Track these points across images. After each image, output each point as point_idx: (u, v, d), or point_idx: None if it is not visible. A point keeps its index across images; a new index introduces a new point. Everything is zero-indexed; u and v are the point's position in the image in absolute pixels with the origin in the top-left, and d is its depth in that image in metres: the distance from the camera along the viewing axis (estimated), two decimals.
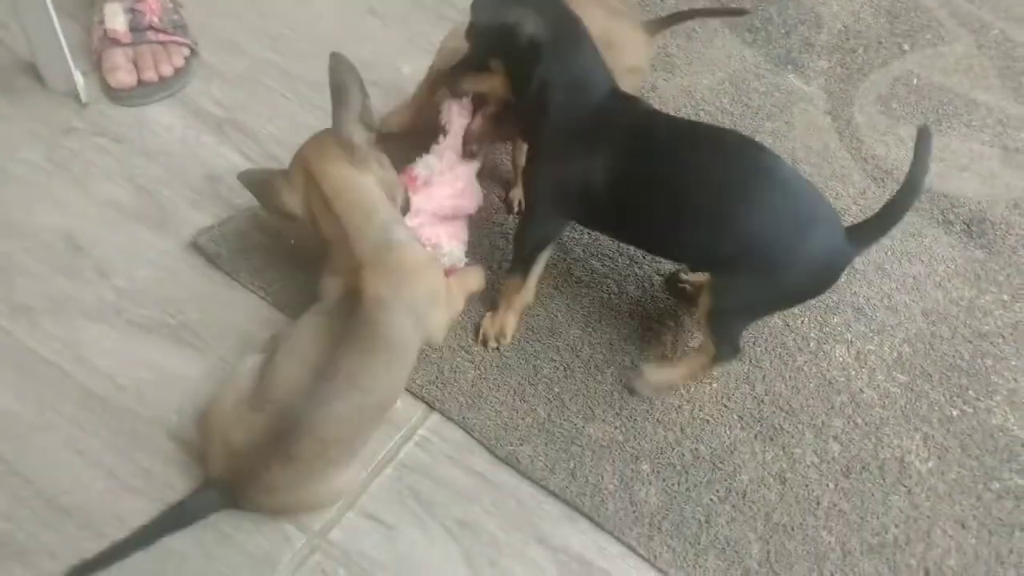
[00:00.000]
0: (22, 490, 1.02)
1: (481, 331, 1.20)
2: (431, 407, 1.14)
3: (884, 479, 1.13)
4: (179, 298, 1.19)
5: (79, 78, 1.39)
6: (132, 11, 1.43)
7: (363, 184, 1.06)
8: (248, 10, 1.59)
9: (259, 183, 1.12)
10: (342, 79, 1.07)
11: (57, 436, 1.06)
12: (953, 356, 1.27)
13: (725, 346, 1.12)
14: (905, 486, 1.13)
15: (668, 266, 1.30)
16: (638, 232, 1.15)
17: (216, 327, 1.17)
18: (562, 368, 1.19)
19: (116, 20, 1.42)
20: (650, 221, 1.10)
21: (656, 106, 1.50)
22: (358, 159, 1.07)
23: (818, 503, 1.11)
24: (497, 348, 1.19)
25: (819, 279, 1.08)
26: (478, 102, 1.22)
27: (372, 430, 1.03)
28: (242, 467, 0.96)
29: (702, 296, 1.10)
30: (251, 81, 1.47)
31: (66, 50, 1.36)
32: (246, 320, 1.18)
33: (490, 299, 1.23)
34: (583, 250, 1.32)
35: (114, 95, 1.41)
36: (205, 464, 1.01)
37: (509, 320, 1.19)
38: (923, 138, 1.03)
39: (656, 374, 1.17)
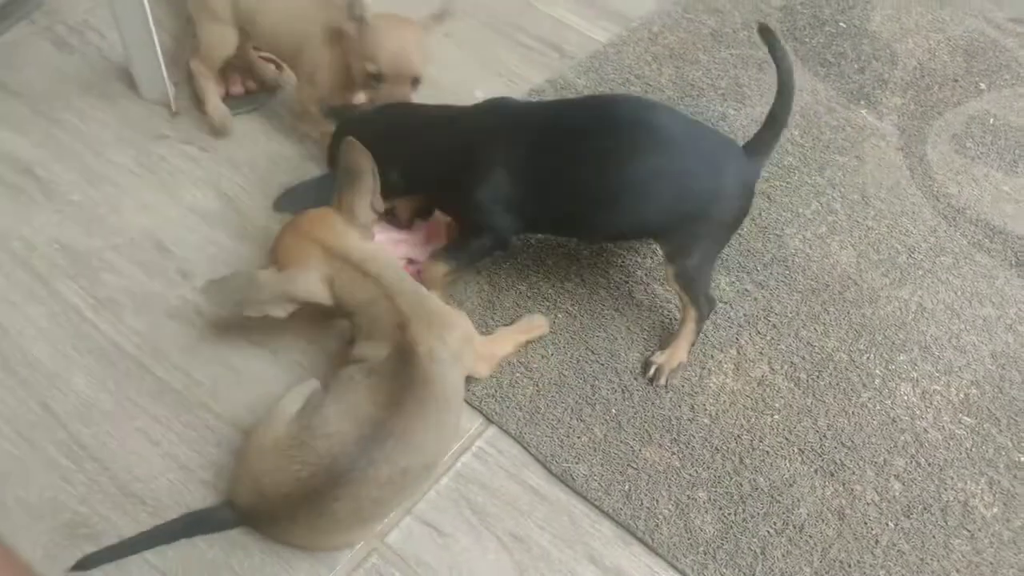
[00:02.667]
0: (99, 475, 1.07)
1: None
2: (489, 420, 1.16)
3: (946, 522, 1.11)
4: None
5: (171, 88, 1.47)
6: None
7: (382, 248, 1.13)
8: None
9: (237, 290, 1.09)
10: (357, 164, 1.09)
11: (134, 426, 1.11)
12: (1022, 401, 1.24)
13: (701, 302, 1.19)
14: (968, 530, 1.11)
15: (725, 288, 1.30)
16: (572, 223, 1.22)
17: (289, 331, 1.21)
18: (620, 390, 1.20)
19: None
20: (576, 210, 1.18)
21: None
22: (367, 235, 1.12)
23: (877, 542, 1.09)
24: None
25: (743, 203, 1.18)
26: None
27: (413, 493, 1.04)
28: (267, 511, 0.97)
29: (665, 270, 1.17)
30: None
31: (161, 61, 1.44)
32: (316, 326, 1.22)
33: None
34: (645, 274, 1.33)
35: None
36: (233, 488, 1.03)
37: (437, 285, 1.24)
38: (766, 34, 1.12)
39: (669, 357, 1.21)
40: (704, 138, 1.17)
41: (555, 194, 1.16)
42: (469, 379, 1.13)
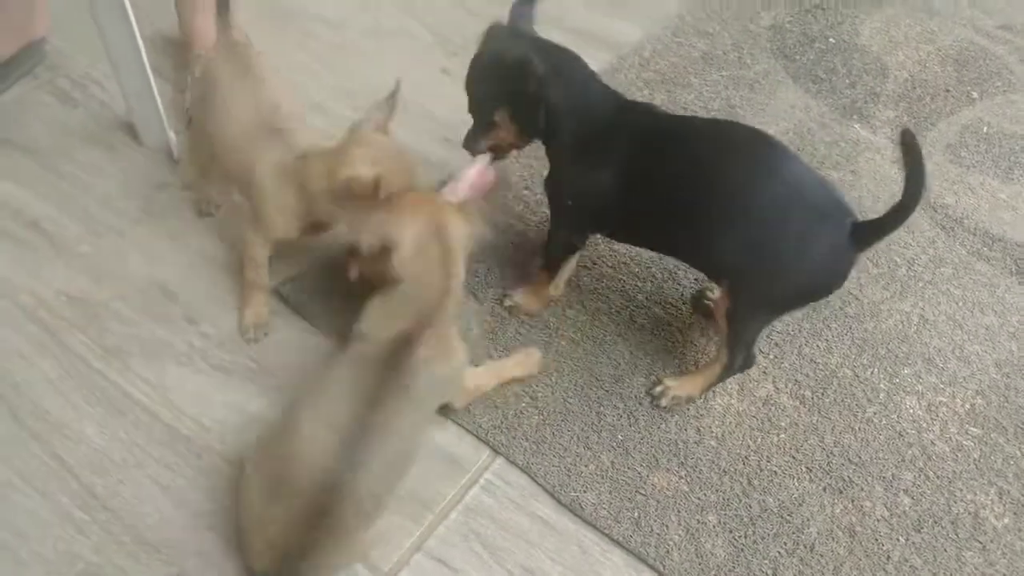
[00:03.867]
0: (112, 525, 1.08)
1: (510, 300, 1.28)
2: (496, 451, 1.17)
3: (957, 534, 1.11)
4: (262, 344, 1.26)
5: (172, 136, 1.50)
6: None
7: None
8: (326, 70, 1.68)
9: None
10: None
11: (145, 473, 1.12)
12: None
13: (739, 354, 1.15)
14: (979, 542, 1.10)
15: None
16: (652, 237, 1.21)
17: (295, 371, 1.22)
18: (626, 416, 1.21)
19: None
20: (663, 226, 1.16)
21: None
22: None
23: (888, 558, 1.09)
24: (518, 318, 1.29)
25: (827, 278, 1.09)
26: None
27: (402, 479, 1.03)
28: (289, 556, 0.95)
29: (719, 298, 1.14)
30: (331, 138, 1.55)
31: (161, 109, 1.46)
32: (322, 364, 1.23)
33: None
34: (646, 298, 1.33)
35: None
36: (247, 556, 1.01)
37: (534, 304, 1.29)
38: (908, 140, 1.02)
39: (678, 385, 1.20)
40: (812, 194, 1.06)
41: (650, 203, 1.14)
42: (446, 408, 1.15)
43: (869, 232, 1.06)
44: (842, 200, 1.07)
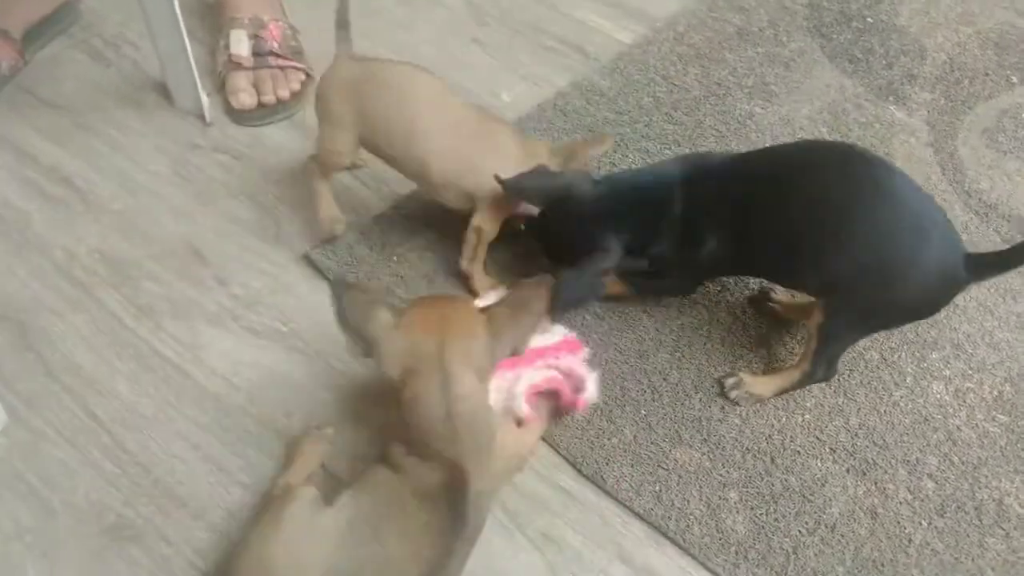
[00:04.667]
0: (142, 479, 1.10)
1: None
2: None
3: (981, 520, 1.11)
4: (291, 307, 1.27)
5: (204, 98, 1.50)
6: (256, 37, 1.53)
7: (483, 397, 0.95)
8: (359, 37, 1.67)
9: (354, 308, 0.94)
10: (533, 302, 0.96)
11: (174, 430, 1.14)
12: None
13: (822, 366, 1.13)
14: (1003, 529, 1.10)
15: (753, 287, 1.30)
16: (757, 267, 1.19)
17: (325, 336, 1.23)
18: (650, 391, 1.21)
19: (240, 45, 1.52)
20: (765, 256, 1.13)
21: (754, 135, 1.53)
22: (487, 372, 0.95)
23: (910, 541, 1.09)
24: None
25: (934, 297, 1.06)
26: None
27: None
28: None
29: (814, 311, 1.11)
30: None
31: (195, 72, 1.47)
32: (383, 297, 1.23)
33: None
34: None
35: (235, 115, 1.51)
36: None
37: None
38: None
39: (753, 382, 1.19)
40: (918, 208, 1.03)
41: (755, 243, 1.11)
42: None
43: (985, 265, 1.03)
44: (952, 228, 1.04)
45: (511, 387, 1.08)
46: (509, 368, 1.11)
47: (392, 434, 0.98)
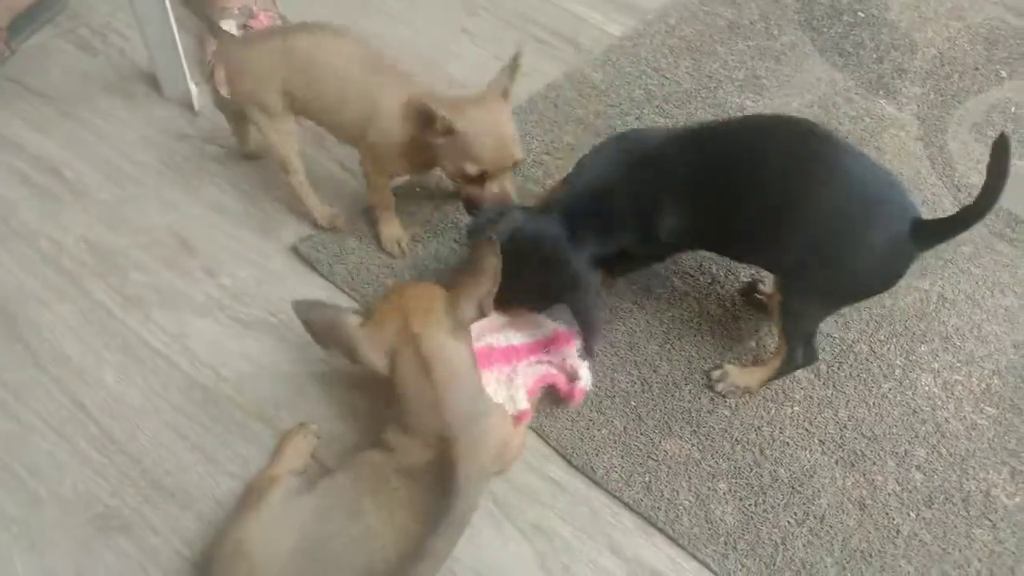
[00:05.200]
0: (129, 469, 1.09)
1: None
2: None
3: (968, 512, 1.11)
4: (279, 298, 1.26)
5: (193, 88, 1.49)
6: (244, 27, 1.52)
7: (464, 355, 0.98)
8: (348, 26, 1.66)
9: (323, 323, 0.97)
10: (486, 261, 0.99)
11: (162, 420, 1.14)
12: None
13: (798, 348, 1.13)
14: (990, 520, 1.11)
15: (743, 279, 1.30)
16: (714, 244, 1.19)
17: None
18: (640, 383, 1.21)
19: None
20: (718, 232, 1.13)
21: None
22: (459, 331, 0.99)
23: (898, 532, 1.09)
24: None
25: (884, 269, 1.06)
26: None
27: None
28: None
29: (773, 293, 1.13)
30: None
31: (183, 61, 1.46)
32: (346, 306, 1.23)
33: None
34: (664, 268, 1.33)
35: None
36: None
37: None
38: (1001, 147, 0.98)
39: (738, 374, 1.19)
40: (868, 186, 1.03)
41: (710, 211, 1.11)
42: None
43: (932, 231, 1.03)
44: (904, 195, 1.04)
45: (509, 381, 1.11)
46: (505, 364, 1.12)
47: (388, 418, 1.00)
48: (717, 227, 1.13)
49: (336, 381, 1.18)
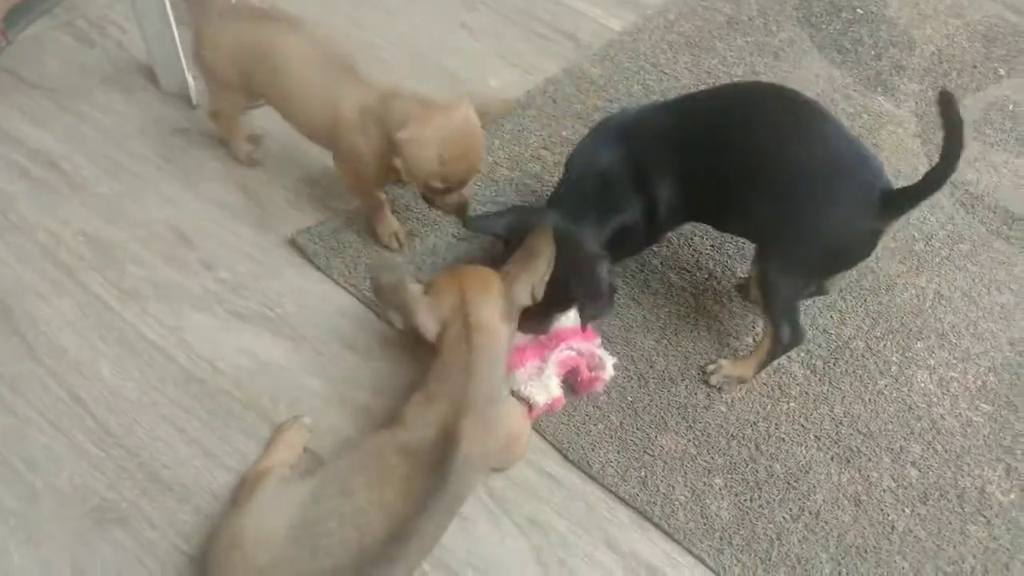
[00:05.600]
0: (127, 462, 1.09)
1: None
2: None
3: (963, 508, 1.12)
4: (277, 291, 1.26)
5: (191, 81, 1.49)
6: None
7: (504, 337, 1.04)
8: (347, 22, 1.66)
9: (390, 284, 1.05)
10: (538, 248, 1.06)
11: (159, 413, 1.14)
12: None
13: (784, 326, 1.14)
14: (985, 516, 1.11)
15: (740, 276, 1.30)
16: (701, 213, 1.20)
17: (310, 320, 1.23)
18: (636, 378, 1.21)
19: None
20: (704, 200, 1.15)
21: None
22: (508, 314, 1.05)
23: (893, 528, 1.10)
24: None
25: (852, 241, 1.07)
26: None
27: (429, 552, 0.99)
28: None
29: (751, 268, 1.14)
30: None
31: (181, 55, 1.45)
32: (339, 315, 1.24)
33: None
34: (661, 262, 1.33)
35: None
36: None
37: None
38: (945, 101, 0.99)
39: (731, 366, 1.20)
40: (838, 155, 1.05)
41: (695, 179, 1.13)
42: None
43: (900, 199, 1.04)
44: (873, 164, 1.05)
45: (540, 372, 1.13)
46: (538, 356, 1.15)
47: (415, 390, 1.03)
48: (703, 194, 1.14)
49: (333, 375, 1.18)
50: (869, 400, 1.21)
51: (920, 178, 1.03)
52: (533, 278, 1.06)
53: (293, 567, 0.89)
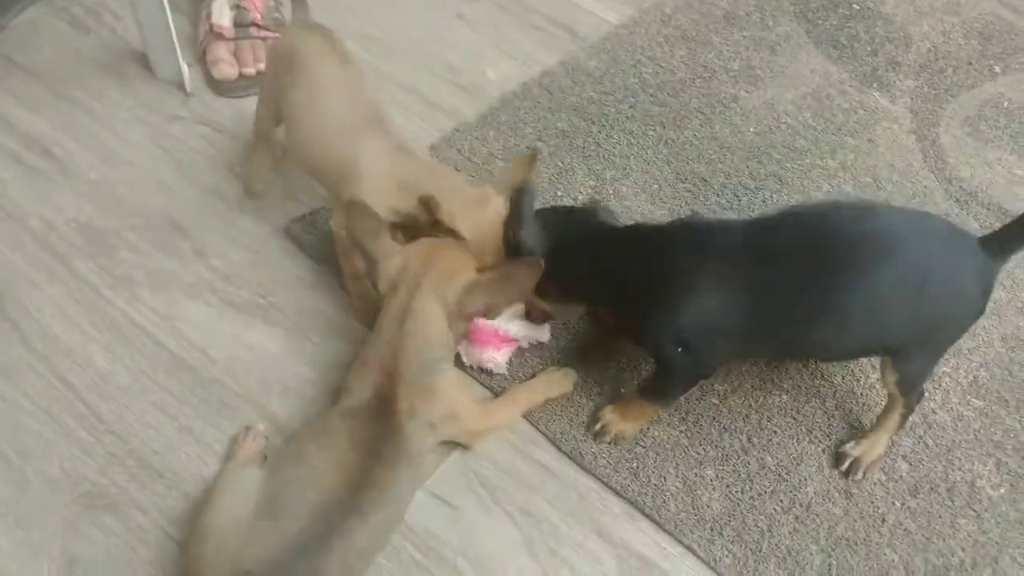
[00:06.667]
0: (117, 448, 1.09)
1: (600, 423, 1.14)
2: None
3: (953, 502, 1.12)
4: (270, 280, 1.26)
5: (185, 69, 1.48)
6: (238, 7, 1.51)
7: (436, 333, 1.01)
8: (343, 11, 1.66)
9: (369, 227, 1.02)
10: (520, 278, 1.00)
11: (150, 400, 1.13)
12: None
13: (914, 398, 1.11)
14: (974, 510, 1.12)
15: None
16: (791, 346, 1.10)
17: (304, 310, 1.23)
18: (629, 369, 1.21)
19: (223, 15, 1.50)
20: (801, 331, 1.03)
21: (738, 119, 1.54)
22: (454, 314, 1.01)
23: (883, 520, 1.10)
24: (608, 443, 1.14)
25: (982, 305, 1.03)
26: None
27: (388, 542, 1.01)
28: None
29: (883, 372, 1.07)
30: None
31: (176, 41, 1.45)
32: (331, 305, 1.24)
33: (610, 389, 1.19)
34: None
35: (216, 86, 1.49)
36: None
37: (632, 428, 1.14)
38: None
39: (860, 449, 1.13)
40: (936, 238, 1.00)
41: (772, 319, 1.02)
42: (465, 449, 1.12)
43: (1005, 241, 1.00)
44: (953, 226, 1.02)
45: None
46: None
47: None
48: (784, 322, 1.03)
49: (326, 364, 1.18)
50: (861, 394, 1.21)
51: (1017, 219, 1.01)
52: (497, 297, 1.01)
53: (263, 541, 0.89)
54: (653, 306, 1.03)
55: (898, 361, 1.05)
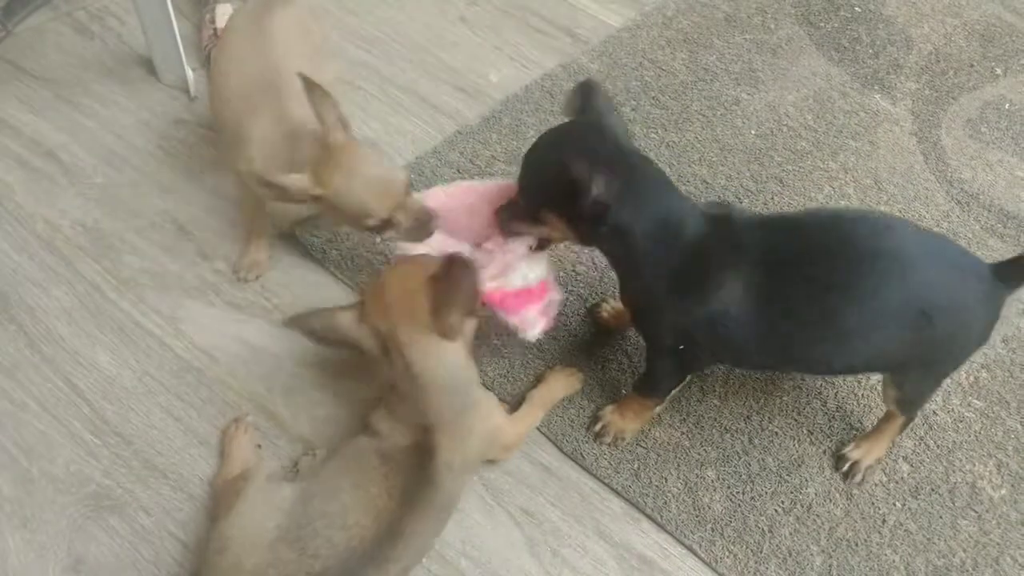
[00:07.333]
0: (122, 450, 1.10)
1: (600, 423, 1.15)
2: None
3: (954, 503, 1.12)
4: (273, 282, 1.27)
5: (189, 73, 1.49)
6: None
7: (447, 358, 0.96)
8: (345, 14, 1.67)
9: (324, 328, 0.97)
10: (460, 281, 0.94)
11: (155, 402, 1.14)
12: None
13: (914, 414, 1.12)
14: (975, 511, 1.12)
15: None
16: (792, 357, 1.06)
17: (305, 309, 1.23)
18: (629, 371, 1.22)
19: (227, 20, 1.51)
20: (805, 343, 1.01)
21: (740, 121, 1.54)
22: (448, 330, 0.95)
23: (884, 521, 1.10)
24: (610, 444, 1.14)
25: (988, 331, 1.02)
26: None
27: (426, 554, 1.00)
28: None
29: (884, 388, 1.08)
30: (346, 82, 1.54)
31: (180, 46, 1.46)
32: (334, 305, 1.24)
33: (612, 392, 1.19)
34: None
35: None
36: None
37: (631, 428, 1.15)
38: None
39: (859, 452, 1.14)
40: (947, 264, 0.98)
41: (790, 319, 0.99)
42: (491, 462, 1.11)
43: (1018, 269, 0.99)
44: (965, 252, 1.01)
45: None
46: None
47: (378, 401, 1.01)
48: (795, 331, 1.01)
49: (329, 365, 1.19)
50: (862, 395, 1.21)
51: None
52: (458, 308, 0.94)
53: (281, 570, 0.88)
54: (679, 289, 1.00)
55: (899, 381, 1.05)
